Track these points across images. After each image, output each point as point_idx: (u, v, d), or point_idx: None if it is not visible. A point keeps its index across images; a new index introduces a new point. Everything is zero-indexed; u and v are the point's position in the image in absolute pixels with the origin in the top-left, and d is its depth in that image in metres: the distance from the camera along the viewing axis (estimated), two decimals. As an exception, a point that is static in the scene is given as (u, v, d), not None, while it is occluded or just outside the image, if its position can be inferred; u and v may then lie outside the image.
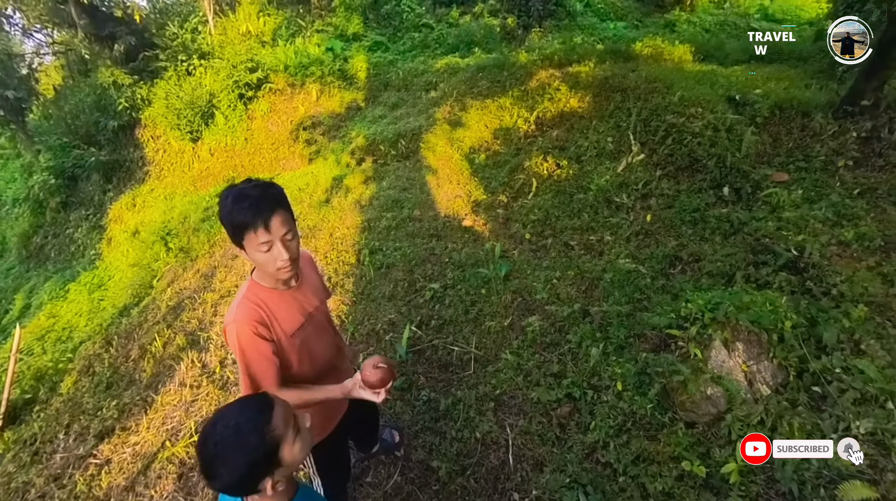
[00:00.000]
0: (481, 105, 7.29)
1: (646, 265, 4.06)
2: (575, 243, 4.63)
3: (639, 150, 5.34)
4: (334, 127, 9.29)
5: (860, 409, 2.58)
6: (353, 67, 10.30)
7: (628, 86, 6.35)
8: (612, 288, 3.87)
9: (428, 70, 9.91)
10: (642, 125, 5.65)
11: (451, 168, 6.51)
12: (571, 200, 5.15)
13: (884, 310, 3.13)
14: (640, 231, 4.50)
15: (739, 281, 3.51)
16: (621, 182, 5.08)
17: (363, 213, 6.02)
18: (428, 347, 3.75)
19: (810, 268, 3.38)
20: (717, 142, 5.06)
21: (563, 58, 8.02)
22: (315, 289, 1.89)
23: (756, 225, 4.02)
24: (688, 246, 4.16)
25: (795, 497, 2.38)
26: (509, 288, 4.15)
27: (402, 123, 7.99)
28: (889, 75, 4.89)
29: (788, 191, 4.29)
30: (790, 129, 5.30)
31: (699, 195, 4.71)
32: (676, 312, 3.11)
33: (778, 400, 2.67)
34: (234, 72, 9.75)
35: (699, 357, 2.74)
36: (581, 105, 6.47)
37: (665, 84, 6.19)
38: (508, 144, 6.53)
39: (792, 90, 6.03)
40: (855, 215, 3.86)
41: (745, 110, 5.64)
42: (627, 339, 3.32)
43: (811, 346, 2.85)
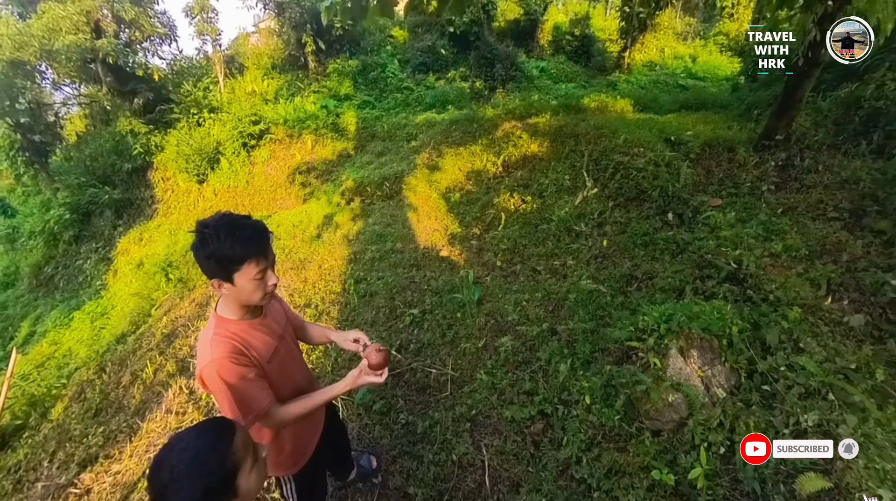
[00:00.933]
0: (455, 152, 7.37)
1: (605, 285, 3.95)
2: (541, 268, 4.52)
3: (592, 185, 5.35)
4: (327, 172, 9.36)
5: (806, 403, 2.45)
6: (344, 121, 10.53)
7: (580, 133, 6.46)
8: (577, 306, 3.73)
9: (409, 124, 10.15)
10: (594, 164, 5.69)
11: (430, 205, 6.46)
12: (536, 230, 5.09)
13: (815, 311, 3.06)
14: (599, 254, 4.42)
15: (689, 294, 3.41)
16: (579, 213, 5.05)
17: (350, 247, 5.87)
18: (407, 370, 3.52)
19: (749, 279, 3.31)
20: (658, 176, 5.09)
21: (523, 111, 8.23)
22: (278, 315, 1.72)
23: (699, 244, 3.97)
24: (641, 265, 4.07)
25: (759, 496, 2.21)
26: (483, 312, 3.97)
27: (386, 168, 8.02)
28: (794, 115, 5.04)
29: (723, 214, 4.28)
30: (719, 162, 5.39)
31: (647, 221, 4.68)
32: (635, 325, 2.97)
33: (733, 402, 2.52)
34: (240, 124, 9.90)
35: (658, 365, 2.59)
36: (540, 149, 6.54)
37: (611, 130, 6.30)
38: (479, 184, 6.52)
39: (717, 131, 6.19)
40: (781, 230, 3.85)
41: (680, 148, 5.76)
42: (593, 354, 3.16)
43: (757, 348, 2.73)
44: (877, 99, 4.80)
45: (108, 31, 10.09)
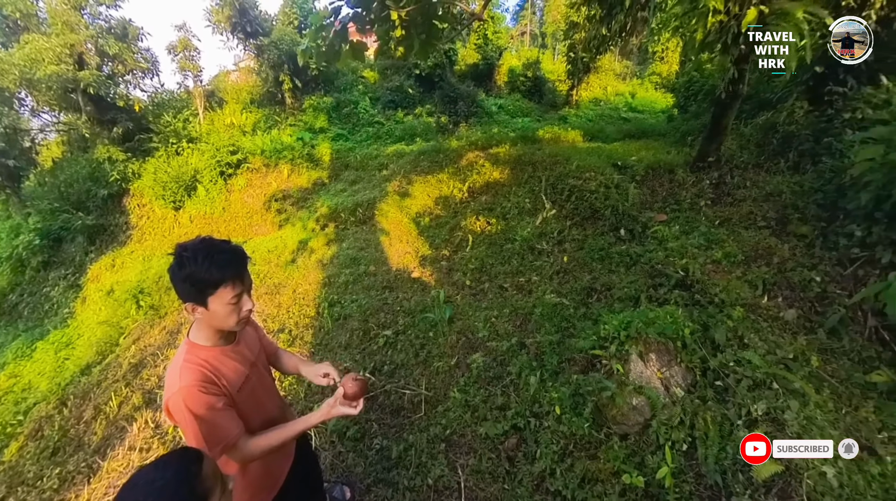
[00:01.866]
0: (424, 180, 7.41)
1: (568, 298, 3.95)
2: (508, 285, 4.49)
3: (551, 207, 5.46)
4: (302, 199, 9.23)
5: (754, 394, 2.48)
6: (319, 152, 10.55)
7: (537, 161, 6.63)
8: (543, 320, 3.70)
9: (380, 154, 10.24)
10: (551, 188, 5.82)
11: (402, 230, 6.40)
12: (502, 250, 5.09)
13: (754, 309, 3.15)
14: (560, 270, 4.44)
15: (644, 302, 3.45)
16: (540, 232, 5.11)
17: (324, 271, 5.70)
18: (381, 393, 3.35)
19: (696, 284, 3.39)
20: (609, 196, 5.25)
21: (485, 142, 8.43)
22: (252, 341, 1.60)
23: (649, 255, 4.07)
24: (599, 278, 4.11)
25: (721, 487, 2.19)
26: (454, 330, 3.88)
27: (359, 195, 7.98)
28: (722, 140, 5.37)
29: (668, 228, 4.43)
30: (662, 183, 5.63)
31: (602, 237, 4.78)
32: (598, 334, 2.96)
33: (691, 400, 2.51)
34: (218, 153, 9.70)
35: (621, 371, 2.56)
36: (502, 176, 6.66)
37: (564, 157, 6.51)
38: (447, 209, 6.54)
39: (658, 155, 6.50)
40: (720, 239, 4.00)
41: (627, 172, 5.99)
42: (560, 364, 3.10)
43: (708, 347, 2.76)
44: (789, 124, 5.19)
45: (90, 64, 9.76)
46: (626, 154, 6.71)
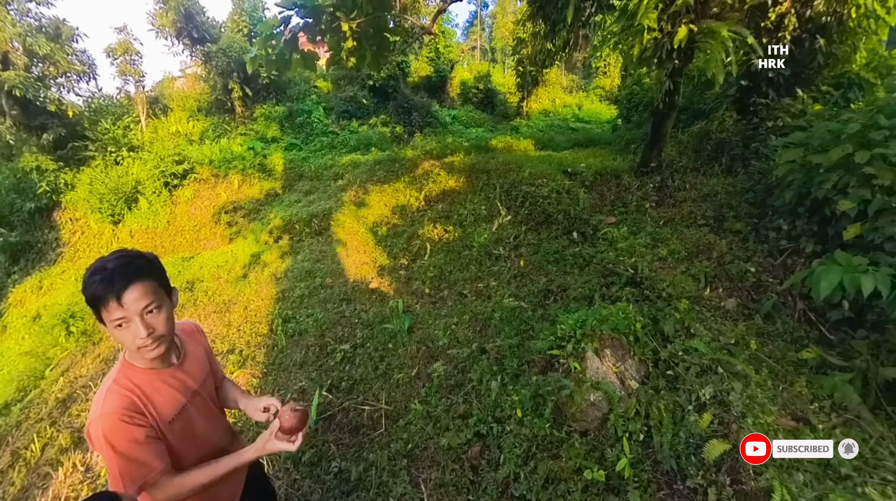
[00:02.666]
0: (380, 189, 7.34)
1: (526, 300, 4.00)
2: (467, 291, 4.49)
3: (506, 213, 5.55)
4: (254, 210, 8.85)
5: (702, 379, 2.60)
6: (271, 162, 10.22)
7: (491, 169, 6.76)
8: (502, 324, 3.71)
9: (335, 164, 10.08)
10: (505, 195, 5.94)
11: (358, 240, 6.28)
12: (460, 257, 5.10)
13: (698, 300, 3.35)
14: (517, 274, 4.50)
15: (598, 300, 3.55)
16: (497, 238, 5.17)
17: (278, 285, 5.46)
18: (339, 411, 3.19)
19: (644, 281, 3.54)
20: (561, 201, 5.43)
21: (440, 152, 8.50)
22: (200, 364, 1.44)
23: (601, 256, 4.22)
24: (555, 280, 4.20)
25: (676, 471, 2.27)
26: (414, 340, 3.80)
27: (314, 206, 7.78)
28: (662, 147, 5.73)
29: (618, 229, 4.63)
30: (609, 187, 5.91)
31: (556, 240, 4.91)
32: (555, 335, 2.99)
33: (645, 390, 2.59)
34: (162, 163, 9.09)
35: (578, 369, 2.60)
36: (457, 184, 6.71)
37: (517, 165, 6.68)
38: (404, 218, 6.50)
39: (605, 162, 6.82)
40: (664, 238, 4.23)
41: (577, 178, 6.24)
42: (520, 367, 3.11)
43: (658, 339, 2.88)
44: (721, 132, 5.65)
45: (17, 64, 8.86)
46: (575, 161, 7.00)
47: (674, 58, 4.42)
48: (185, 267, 6.83)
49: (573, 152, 8.83)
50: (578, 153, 8.45)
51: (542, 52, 7.72)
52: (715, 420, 2.38)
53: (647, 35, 4.23)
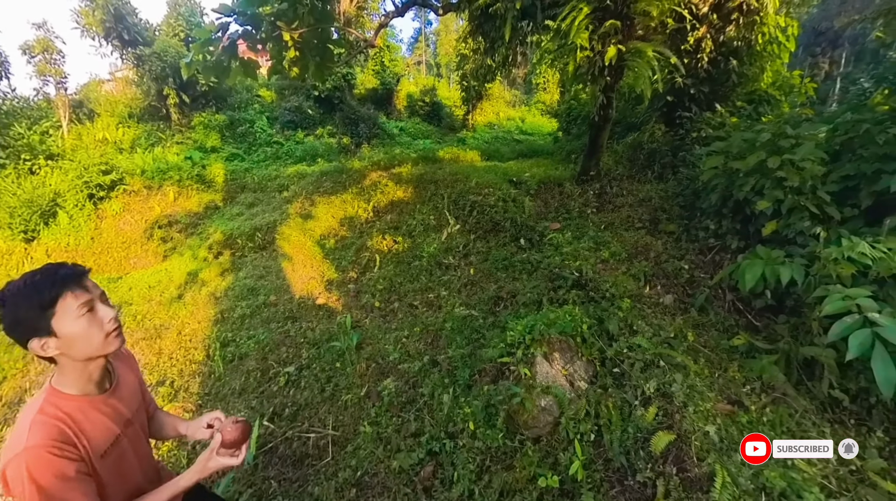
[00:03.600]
0: (327, 200, 7.09)
1: (476, 309, 3.95)
2: (418, 302, 4.37)
3: (454, 222, 5.53)
4: (192, 225, 8.26)
5: (646, 374, 2.67)
6: (211, 173, 9.64)
7: (439, 179, 6.75)
8: (454, 334, 3.62)
9: (280, 175, 9.65)
10: (453, 204, 5.93)
11: (305, 254, 5.98)
12: (410, 267, 4.99)
13: (639, 298, 3.47)
14: (468, 282, 4.46)
15: (546, 305, 3.58)
16: (446, 247, 5.12)
17: (217, 305, 5.06)
18: (281, 442, 2.92)
19: (589, 283, 3.63)
20: (508, 210, 5.50)
21: (387, 163, 8.39)
22: (133, 391, 1.32)
23: (548, 261, 4.28)
24: (505, 286, 4.20)
25: (626, 467, 2.29)
26: (363, 357, 3.61)
27: (258, 219, 7.38)
28: (600, 156, 6.02)
29: (562, 235, 4.74)
30: (553, 195, 6.09)
31: (505, 248, 4.94)
32: (505, 342, 2.95)
33: (594, 390, 2.61)
34: (86, 173, 8.20)
35: (528, 375, 2.57)
36: (406, 194, 6.62)
37: (464, 175, 6.72)
38: (353, 229, 6.29)
39: (548, 171, 7.05)
40: (605, 241, 4.39)
41: (522, 187, 6.38)
42: (472, 377, 3.03)
43: (604, 338, 2.94)
44: (651, 142, 6.06)
45: None
46: (520, 171, 7.18)
47: (605, 75, 4.67)
48: (112, 290, 6.20)
49: (518, 162, 9.09)
50: (523, 163, 8.70)
51: (484, 68, 7.93)
52: (660, 412, 2.44)
53: (580, 53, 4.44)
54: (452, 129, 15.63)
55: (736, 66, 5.64)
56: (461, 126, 15.70)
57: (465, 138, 14.05)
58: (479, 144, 12.84)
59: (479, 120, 15.92)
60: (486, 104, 16.57)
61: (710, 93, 5.79)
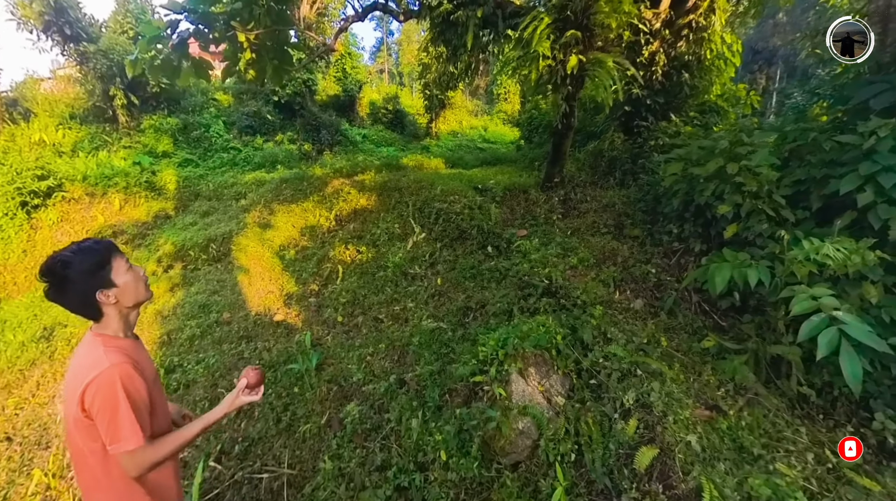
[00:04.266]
0: (287, 209, 6.62)
1: (445, 320, 3.71)
2: (383, 316, 4.07)
3: (420, 231, 5.28)
4: (139, 235, 7.53)
5: (624, 384, 2.53)
6: (162, 179, 8.87)
7: (403, 187, 6.47)
8: (422, 349, 3.35)
9: (237, 182, 9.00)
10: (419, 212, 5.68)
11: (263, 266, 5.50)
12: (374, 278, 4.67)
13: (610, 304, 3.36)
14: (435, 293, 4.21)
15: (517, 314, 3.40)
16: (412, 257, 4.85)
17: (164, 325, 4.54)
18: (228, 486, 2.53)
19: (559, 290, 3.48)
20: (474, 217, 5.31)
21: (350, 170, 8.04)
22: None
23: (516, 268, 4.11)
24: (474, 296, 3.99)
25: (610, 488, 2.13)
26: (324, 379, 3.26)
27: (213, 229, 6.77)
28: (563, 164, 5.98)
29: (530, 242, 4.60)
30: (518, 202, 5.97)
31: (472, 256, 4.74)
32: (476, 357, 2.72)
33: (572, 405, 2.44)
34: (18, 178, 7.24)
35: (504, 395, 2.34)
36: (369, 202, 6.30)
37: (429, 182, 6.48)
38: (314, 239, 5.88)
39: (513, 178, 6.95)
40: (573, 247, 4.29)
41: (487, 194, 6.22)
42: (442, 397, 2.77)
43: (579, 348, 2.78)
44: (612, 150, 6.09)
45: None
46: (484, 178, 7.03)
47: (567, 84, 4.62)
48: (44, 310, 5.46)
49: (482, 170, 8.96)
50: (487, 170, 8.58)
51: (446, 75, 7.77)
52: (640, 424, 2.30)
53: (542, 62, 4.38)
54: (416, 137, 15.40)
55: (688, 79, 5.81)
56: (425, 134, 15.52)
57: (429, 146, 13.87)
58: (443, 152, 12.68)
59: (442, 128, 15.80)
60: (449, 113, 16.49)
61: (665, 103, 5.91)
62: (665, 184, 3.98)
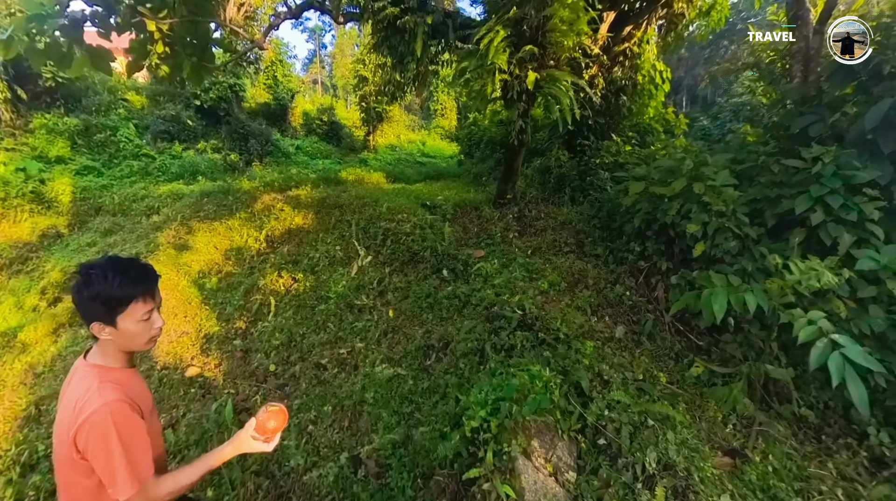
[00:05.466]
0: (209, 227, 5.40)
1: (403, 365, 3.01)
2: (326, 361, 3.23)
3: (366, 254, 4.51)
4: (19, 260, 5.81)
5: (637, 441, 2.08)
6: (53, 190, 7.02)
7: (344, 203, 5.63)
8: (378, 408, 2.62)
9: (149, 195, 7.37)
10: (363, 232, 4.90)
11: (178, 298, 4.28)
12: (314, 313, 3.80)
13: (592, 334, 2.95)
14: (388, 329, 3.48)
15: (490, 353, 2.82)
16: (357, 284, 4.06)
17: (33, 391, 3.21)
18: None
19: (536, 322, 2.98)
20: (426, 237, 4.67)
21: (282, 184, 6.94)
22: None
23: (479, 295, 3.54)
24: (434, 331, 3.34)
25: None
26: (250, 469, 2.35)
27: (115, 251, 5.29)
28: (516, 180, 5.61)
29: (489, 263, 4.09)
30: (471, 219, 5.45)
31: (426, 281, 4.09)
32: (458, 427, 2.05)
33: (587, 480, 1.90)
34: None
35: (513, 496, 1.70)
36: (305, 221, 5.35)
37: (373, 199, 5.72)
38: (241, 264, 4.79)
39: (461, 194, 6.44)
40: (538, 269, 3.84)
41: (437, 211, 5.62)
42: (417, 491, 2.05)
43: (575, 398, 2.26)
44: (559, 167, 5.86)
45: None
46: (431, 194, 6.44)
47: (523, 99, 4.29)
48: None
49: (426, 185, 8.38)
50: (432, 186, 8.01)
51: (391, 84, 7.09)
52: (668, 491, 1.82)
53: (498, 76, 4.02)
54: (353, 150, 14.40)
55: (625, 102, 5.86)
56: (362, 147, 14.58)
57: (367, 159, 12.97)
58: (383, 166, 11.90)
59: (380, 141, 14.99)
60: (387, 126, 15.73)
61: (605, 124, 5.89)
62: (626, 203, 3.71)
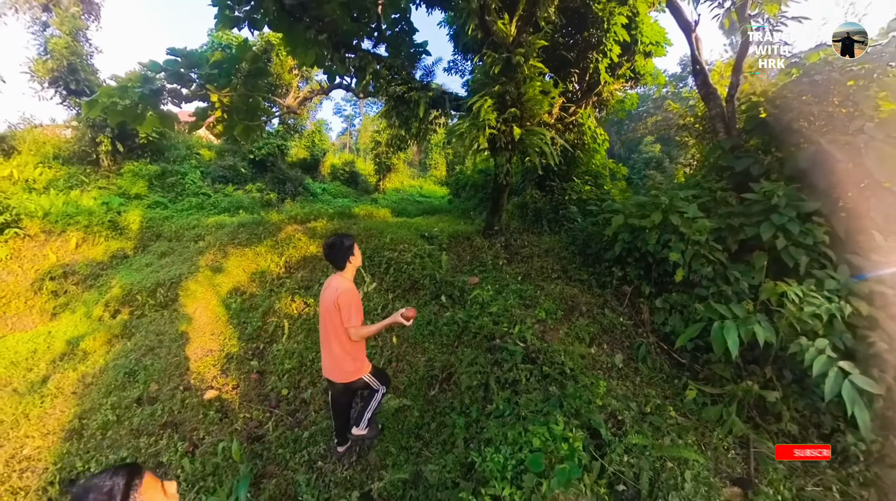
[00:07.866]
0: (241, 252, 4.70)
1: (409, 395, 2.30)
2: (333, 389, 2.47)
3: (371, 281, 3.80)
4: (92, 276, 5.00)
5: (657, 486, 1.46)
6: (126, 219, 6.24)
7: (353, 234, 4.88)
8: (386, 442, 1.92)
9: (199, 225, 6.59)
10: (368, 261, 4.19)
11: (209, 314, 3.59)
12: (323, 338, 3.04)
13: (594, 364, 2.29)
14: (392, 357, 2.76)
15: (494, 387, 2.13)
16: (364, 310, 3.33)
17: (80, 402, 2.48)
18: None
19: (539, 355, 2.31)
20: (425, 266, 4.00)
21: (304, 217, 6.22)
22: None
23: (476, 322, 2.86)
24: (436, 359, 2.63)
25: None
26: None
27: (164, 271, 4.56)
28: (502, 213, 5.02)
29: (484, 290, 3.42)
30: (464, 248, 4.78)
31: (427, 307, 3.38)
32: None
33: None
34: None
35: None
36: (319, 250, 4.64)
37: (378, 230, 5.04)
38: (263, 286, 4.04)
39: (454, 226, 5.80)
40: (532, 296, 3.18)
41: (434, 241, 4.94)
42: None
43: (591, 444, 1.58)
44: (535, 203, 5.32)
45: None
46: (429, 226, 5.79)
47: (510, 148, 3.81)
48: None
49: (424, 218, 7.75)
50: (429, 219, 7.38)
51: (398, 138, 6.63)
52: None
53: (488, 130, 3.62)
54: (367, 192, 13.98)
55: (579, 154, 5.62)
56: (374, 189, 14.23)
57: (377, 198, 12.48)
58: (389, 203, 11.31)
59: (388, 185, 14.67)
60: (394, 174, 15.41)
61: (566, 169, 5.51)
62: (608, 233, 3.13)
